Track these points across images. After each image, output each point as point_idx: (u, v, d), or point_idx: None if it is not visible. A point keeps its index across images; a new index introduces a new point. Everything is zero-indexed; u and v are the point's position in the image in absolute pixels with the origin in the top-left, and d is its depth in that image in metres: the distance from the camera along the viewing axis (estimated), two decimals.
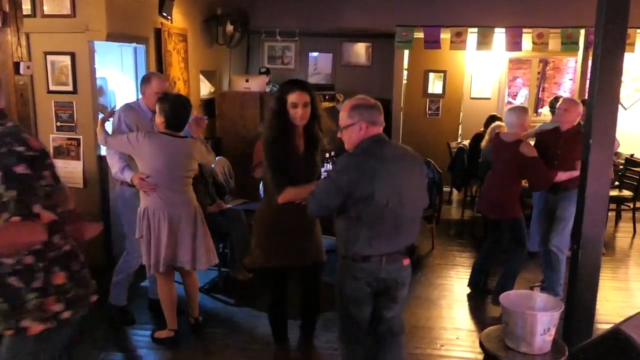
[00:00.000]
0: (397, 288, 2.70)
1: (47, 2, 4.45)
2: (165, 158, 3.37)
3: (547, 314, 2.72)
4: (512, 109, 4.23)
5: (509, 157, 4.10)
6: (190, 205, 3.50)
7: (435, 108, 8.51)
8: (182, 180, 3.46)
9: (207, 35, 6.64)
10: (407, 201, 2.56)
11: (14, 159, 1.72)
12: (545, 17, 6.68)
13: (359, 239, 2.55)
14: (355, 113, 2.54)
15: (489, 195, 4.34)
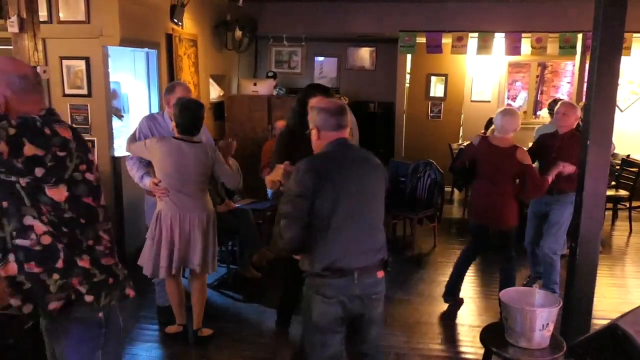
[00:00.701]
0: (373, 306, 2.45)
1: (62, 9, 4.58)
2: (175, 162, 3.37)
3: (546, 310, 2.76)
4: (504, 111, 3.98)
5: (505, 163, 3.88)
6: (204, 210, 3.49)
7: (437, 110, 8.63)
8: (194, 184, 3.43)
9: (216, 41, 6.78)
10: (367, 209, 2.41)
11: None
12: (543, 22, 6.81)
13: (326, 250, 2.34)
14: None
15: (487, 204, 4.02)
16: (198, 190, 3.47)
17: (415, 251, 5.72)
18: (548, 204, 4.29)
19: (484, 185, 4.06)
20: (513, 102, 9.75)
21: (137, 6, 4.90)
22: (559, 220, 4.23)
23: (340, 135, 2.41)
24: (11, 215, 1.80)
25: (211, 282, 4.73)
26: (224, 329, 3.91)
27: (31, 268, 1.82)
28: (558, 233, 4.27)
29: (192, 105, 3.43)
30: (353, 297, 2.36)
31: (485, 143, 4.04)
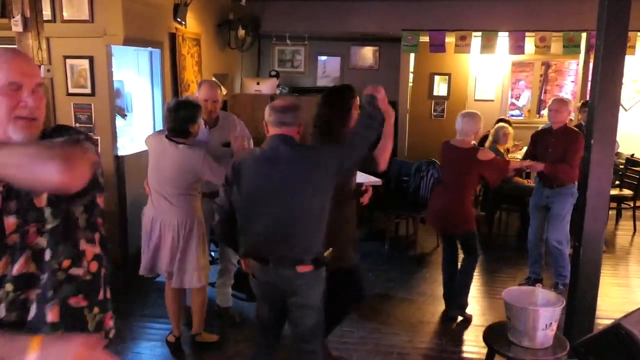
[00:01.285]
0: (293, 299, 2.55)
1: (66, 8, 4.58)
2: (155, 160, 3.32)
3: (549, 309, 2.77)
4: (464, 114, 3.99)
5: (465, 166, 3.86)
6: (182, 217, 3.28)
7: (440, 110, 8.63)
8: (171, 187, 3.28)
9: (219, 40, 6.79)
10: (289, 204, 2.46)
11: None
12: (547, 21, 6.79)
13: (245, 238, 2.56)
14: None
15: (442, 210, 4.02)
16: (176, 194, 3.27)
17: (418, 250, 5.72)
18: (548, 196, 4.42)
19: (443, 190, 4.08)
20: (516, 101, 9.74)
21: (141, 5, 4.91)
22: (561, 212, 4.36)
23: (281, 132, 2.50)
24: (60, 240, 1.39)
25: (214, 280, 4.73)
26: (227, 327, 3.92)
27: (78, 302, 1.43)
28: (561, 224, 4.38)
29: (178, 107, 3.25)
30: (271, 283, 2.55)
31: (446, 146, 4.04)
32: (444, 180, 4.17)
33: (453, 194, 3.92)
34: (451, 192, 3.93)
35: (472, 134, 3.90)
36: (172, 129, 3.25)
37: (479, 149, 3.92)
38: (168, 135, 3.28)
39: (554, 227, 4.40)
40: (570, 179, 4.27)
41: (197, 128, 3.32)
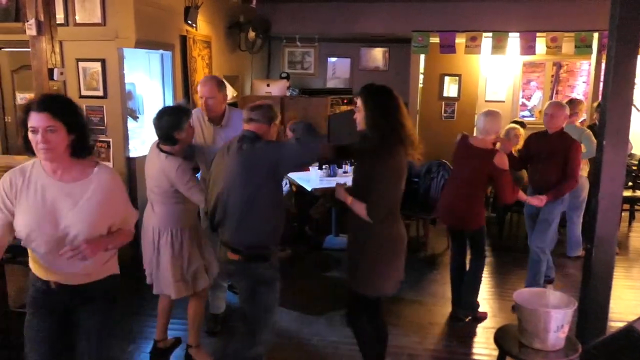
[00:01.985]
0: (238, 278, 2.92)
1: (79, 12, 4.64)
2: (145, 166, 3.31)
3: (561, 311, 2.75)
4: (486, 112, 3.93)
5: (479, 165, 3.82)
6: (162, 225, 3.21)
7: (451, 111, 8.60)
8: (153, 194, 3.25)
9: (230, 42, 6.83)
10: (233, 195, 2.71)
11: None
12: (558, 22, 6.75)
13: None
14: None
15: (453, 205, 4.01)
16: (156, 200, 3.23)
17: (429, 252, 5.71)
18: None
19: (454, 186, 4.04)
20: (528, 102, 9.69)
21: (152, 8, 4.95)
22: (547, 217, 4.23)
23: (248, 128, 2.77)
24: None
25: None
26: (235, 328, 3.92)
27: None
28: (546, 231, 4.24)
29: (161, 114, 3.18)
30: (225, 262, 2.88)
31: (463, 142, 4.01)
32: (455, 175, 4.10)
33: (464, 189, 3.90)
34: (462, 188, 3.92)
35: (494, 133, 3.87)
36: (158, 136, 3.20)
37: (497, 153, 3.82)
38: (158, 143, 3.23)
39: (538, 232, 4.26)
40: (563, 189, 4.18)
41: (186, 135, 3.17)
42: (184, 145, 3.23)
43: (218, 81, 3.62)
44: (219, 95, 3.56)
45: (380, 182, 2.70)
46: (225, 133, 3.55)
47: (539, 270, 4.27)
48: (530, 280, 4.32)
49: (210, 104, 3.53)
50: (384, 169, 2.71)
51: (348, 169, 5.72)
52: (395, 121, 2.73)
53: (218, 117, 3.61)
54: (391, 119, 2.73)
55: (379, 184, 2.70)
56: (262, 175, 2.68)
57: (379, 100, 2.78)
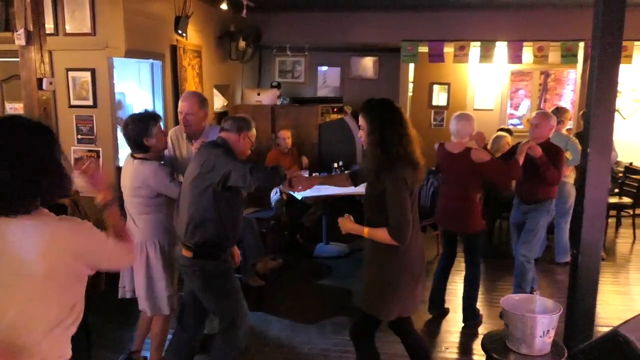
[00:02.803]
0: (187, 275, 2.97)
1: (69, 22, 4.65)
2: (120, 181, 3.23)
3: (547, 316, 2.78)
4: (459, 116, 4.00)
5: (461, 168, 3.90)
6: (139, 239, 3.08)
7: (440, 119, 8.67)
8: (128, 203, 3.16)
9: (220, 51, 6.86)
10: (186, 191, 2.89)
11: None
12: (545, 31, 6.85)
13: None
14: None
15: (447, 207, 4.08)
16: (138, 213, 3.13)
17: None
18: (525, 212, 4.32)
19: (447, 189, 4.12)
20: (516, 111, 9.78)
21: (142, 18, 4.97)
22: (533, 227, 4.24)
23: (221, 135, 2.96)
24: None
25: None
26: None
27: None
28: (532, 240, 4.25)
29: (127, 122, 3.13)
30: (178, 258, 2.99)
31: (441, 150, 4.11)
32: (445, 180, 4.18)
33: (457, 192, 3.97)
34: (455, 191, 3.99)
35: (467, 135, 3.94)
36: (128, 145, 3.14)
37: (471, 150, 3.88)
38: (131, 153, 3.17)
39: (524, 241, 4.27)
40: (548, 195, 4.20)
41: (157, 141, 3.10)
42: (158, 151, 3.15)
43: (200, 98, 3.42)
44: (200, 112, 3.35)
45: (393, 199, 2.57)
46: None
47: (524, 278, 4.28)
48: (516, 289, 4.33)
49: (189, 120, 3.33)
50: (391, 185, 2.57)
51: None
52: (397, 134, 2.62)
53: (197, 135, 3.38)
54: (393, 132, 2.62)
55: (391, 202, 2.57)
56: (212, 179, 2.78)
57: (379, 114, 2.67)
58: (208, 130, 3.42)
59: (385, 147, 2.61)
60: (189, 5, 5.65)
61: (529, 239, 4.26)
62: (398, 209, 2.56)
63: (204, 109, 3.39)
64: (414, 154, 2.65)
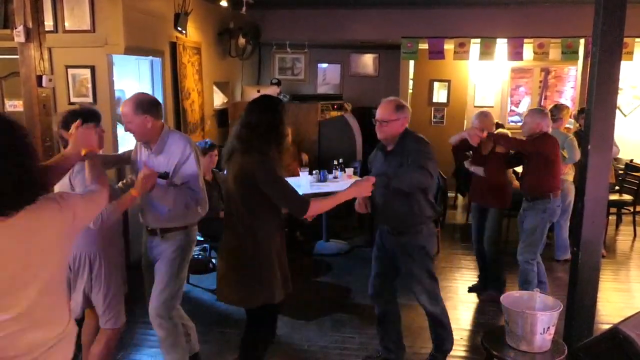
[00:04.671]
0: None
1: (68, 19, 4.65)
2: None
3: (547, 313, 2.78)
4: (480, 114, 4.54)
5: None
6: (75, 252, 2.87)
7: (440, 116, 8.66)
8: None
9: (220, 48, 6.85)
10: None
11: None
12: (545, 28, 6.84)
13: None
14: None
15: (481, 182, 4.52)
16: None
17: None
18: (525, 210, 4.33)
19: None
20: (516, 108, 9.77)
21: (142, 15, 4.96)
22: (528, 227, 4.25)
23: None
24: None
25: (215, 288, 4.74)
26: (228, 335, 3.94)
27: None
28: (529, 240, 4.25)
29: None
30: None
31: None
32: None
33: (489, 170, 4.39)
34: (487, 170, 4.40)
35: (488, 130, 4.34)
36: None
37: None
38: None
39: (521, 241, 4.30)
40: (544, 192, 4.19)
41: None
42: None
43: (138, 102, 2.92)
44: (136, 119, 2.88)
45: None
46: (157, 161, 2.97)
47: (525, 278, 4.28)
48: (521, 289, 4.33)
49: (128, 128, 2.95)
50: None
51: (338, 174, 5.75)
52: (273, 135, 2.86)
53: (151, 142, 3.00)
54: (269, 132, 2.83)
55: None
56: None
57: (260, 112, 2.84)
58: (167, 139, 2.99)
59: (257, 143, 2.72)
60: (188, 2, 5.64)
61: (525, 239, 4.27)
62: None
63: (143, 115, 2.88)
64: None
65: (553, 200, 4.19)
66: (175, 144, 2.96)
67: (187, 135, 3.17)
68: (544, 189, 4.18)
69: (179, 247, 3.08)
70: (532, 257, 4.26)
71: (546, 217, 4.21)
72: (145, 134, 2.94)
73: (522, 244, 4.29)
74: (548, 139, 4.21)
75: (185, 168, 2.95)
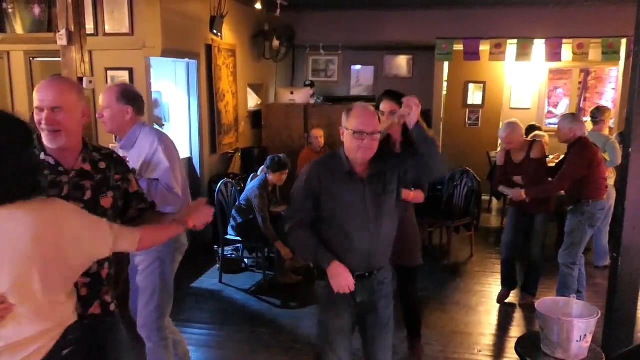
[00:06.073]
0: None
1: (108, 22, 4.78)
2: None
3: (584, 320, 2.71)
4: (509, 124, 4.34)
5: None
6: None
7: (475, 118, 8.54)
8: None
9: (254, 50, 6.93)
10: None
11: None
12: (585, 27, 6.66)
13: None
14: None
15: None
16: None
17: (452, 260, 5.67)
18: (567, 213, 4.31)
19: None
20: (554, 109, 9.55)
21: (179, 18, 5.06)
22: (567, 230, 4.23)
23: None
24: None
25: (248, 287, 4.82)
26: (260, 334, 3.97)
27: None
28: (568, 244, 4.20)
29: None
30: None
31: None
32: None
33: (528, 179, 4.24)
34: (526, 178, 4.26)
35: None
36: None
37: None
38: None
39: (562, 245, 4.27)
40: (584, 195, 4.10)
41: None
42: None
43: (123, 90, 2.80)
44: (117, 107, 2.75)
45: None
46: (130, 156, 2.77)
47: (564, 283, 4.21)
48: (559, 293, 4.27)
49: (101, 115, 2.80)
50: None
51: None
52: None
53: (120, 135, 2.88)
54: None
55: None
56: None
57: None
58: (138, 130, 2.83)
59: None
60: (224, 5, 5.72)
61: (565, 242, 4.23)
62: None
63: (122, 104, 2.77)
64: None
65: (592, 204, 4.10)
66: (145, 138, 2.80)
67: (158, 130, 2.93)
68: (582, 193, 4.11)
69: (157, 259, 2.83)
70: (571, 262, 4.18)
71: (584, 220, 4.12)
72: (119, 125, 2.80)
73: (562, 248, 4.25)
74: (579, 151, 4.11)
75: (154, 162, 2.76)
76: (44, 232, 1.57)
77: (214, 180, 5.65)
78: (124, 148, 2.82)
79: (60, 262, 1.63)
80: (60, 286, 1.66)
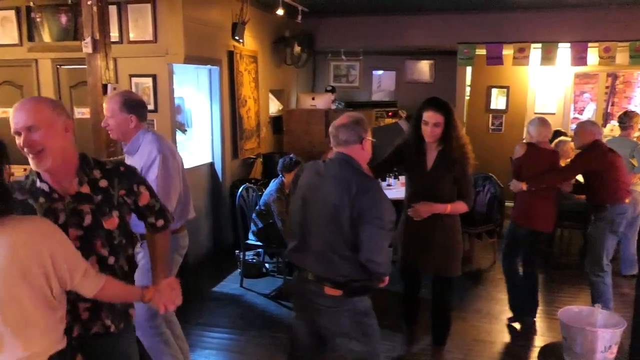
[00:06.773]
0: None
1: (132, 30, 4.87)
2: None
3: (609, 330, 2.69)
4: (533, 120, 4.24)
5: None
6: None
7: (499, 123, 8.42)
8: None
9: (276, 56, 6.97)
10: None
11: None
12: (611, 31, 6.53)
13: None
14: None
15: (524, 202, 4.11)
16: None
17: (474, 267, 5.60)
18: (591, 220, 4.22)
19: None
20: (580, 115, 9.39)
21: (201, 25, 5.12)
22: (589, 238, 4.15)
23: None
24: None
25: (268, 292, 4.83)
26: (279, 339, 3.97)
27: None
28: (592, 251, 4.09)
29: None
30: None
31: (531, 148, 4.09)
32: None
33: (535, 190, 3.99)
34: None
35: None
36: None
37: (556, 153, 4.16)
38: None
39: (587, 253, 4.18)
40: (602, 199, 3.98)
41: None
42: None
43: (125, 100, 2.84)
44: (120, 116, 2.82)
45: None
46: (132, 161, 2.85)
47: (595, 291, 4.09)
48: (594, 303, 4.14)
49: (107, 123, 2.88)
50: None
51: (392, 182, 5.71)
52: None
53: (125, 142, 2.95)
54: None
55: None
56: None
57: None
58: (142, 136, 2.89)
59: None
60: (245, 12, 5.77)
61: (588, 250, 4.16)
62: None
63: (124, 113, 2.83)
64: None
65: (610, 208, 3.95)
66: (145, 146, 2.85)
67: (159, 138, 2.92)
68: (599, 197, 4.00)
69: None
70: (596, 270, 4.04)
71: (603, 225, 3.97)
72: (123, 132, 2.87)
73: (587, 256, 4.17)
74: (591, 151, 3.98)
75: (149, 172, 2.78)
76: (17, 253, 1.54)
77: (236, 185, 5.69)
78: (129, 153, 2.91)
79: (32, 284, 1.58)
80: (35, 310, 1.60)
